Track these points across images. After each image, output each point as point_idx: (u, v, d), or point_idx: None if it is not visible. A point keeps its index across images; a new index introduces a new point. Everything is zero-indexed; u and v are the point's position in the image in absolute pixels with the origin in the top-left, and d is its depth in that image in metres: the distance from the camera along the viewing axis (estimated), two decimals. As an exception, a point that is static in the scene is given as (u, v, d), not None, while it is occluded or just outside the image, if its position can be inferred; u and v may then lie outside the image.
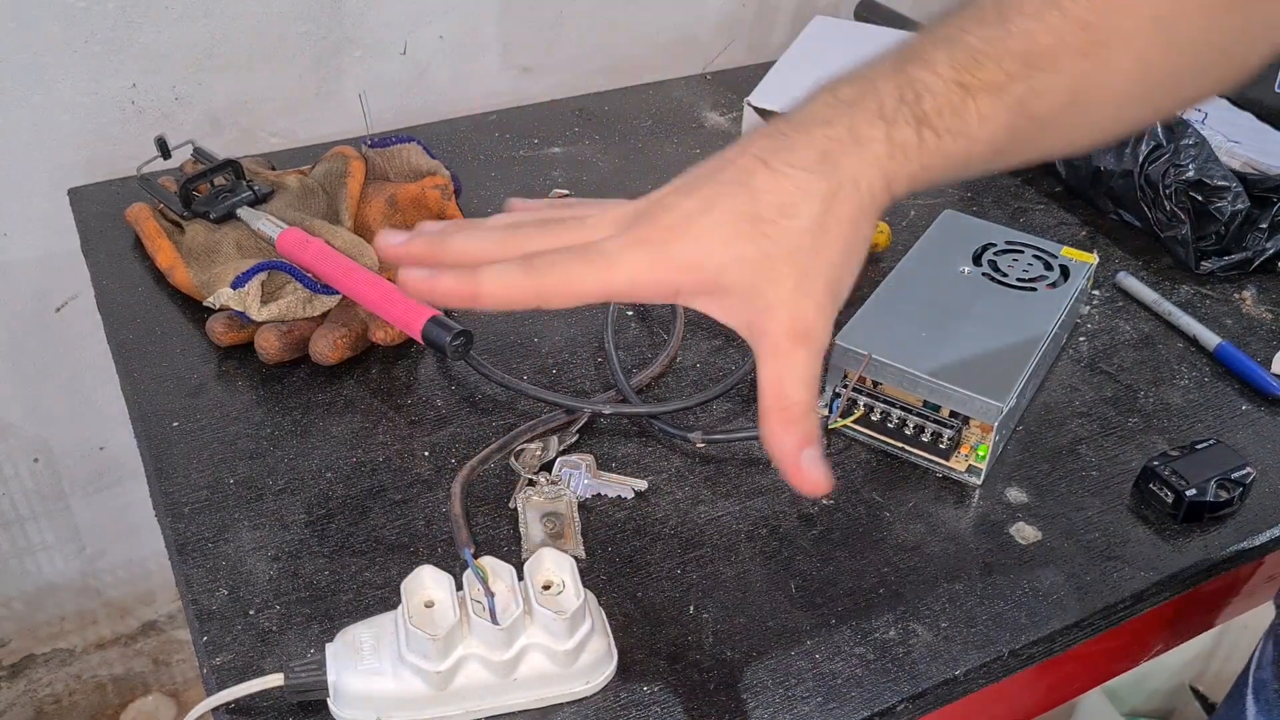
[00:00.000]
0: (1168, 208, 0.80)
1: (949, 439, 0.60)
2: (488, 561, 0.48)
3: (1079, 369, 0.71)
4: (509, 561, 0.48)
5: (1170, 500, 0.59)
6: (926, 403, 0.61)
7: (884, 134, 0.42)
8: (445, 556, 0.55)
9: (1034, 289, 0.68)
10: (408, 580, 0.48)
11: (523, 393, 0.65)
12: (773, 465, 0.43)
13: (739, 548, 0.57)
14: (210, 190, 0.76)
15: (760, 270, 0.42)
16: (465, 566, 0.47)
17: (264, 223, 0.71)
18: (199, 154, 0.81)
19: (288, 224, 0.70)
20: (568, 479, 0.60)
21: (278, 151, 0.89)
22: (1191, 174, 0.78)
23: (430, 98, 1.03)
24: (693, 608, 0.54)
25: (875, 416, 0.62)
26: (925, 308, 0.65)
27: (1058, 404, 0.68)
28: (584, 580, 0.49)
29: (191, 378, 0.66)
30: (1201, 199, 0.78)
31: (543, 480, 0.59)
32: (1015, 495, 0.61)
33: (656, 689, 0.50)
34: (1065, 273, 0.69)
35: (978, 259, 0.70)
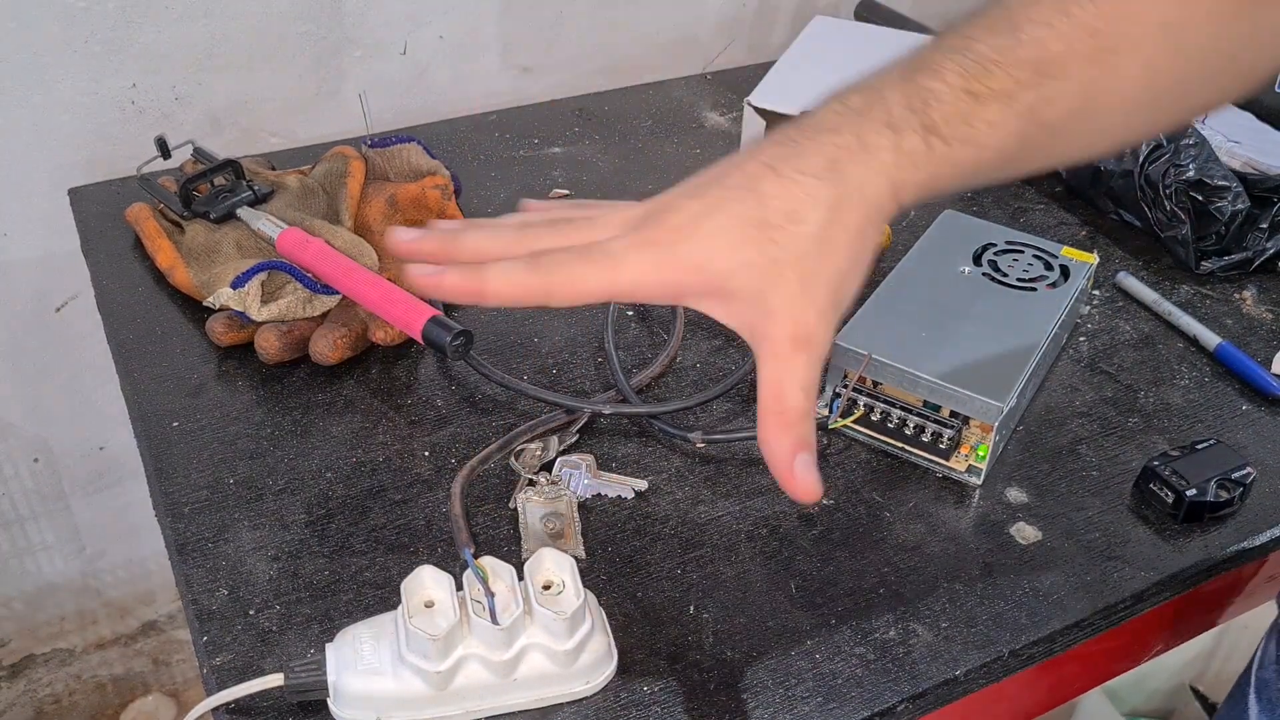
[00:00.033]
0: (1168, 208, 0.80)
1: (949, 439, 0.60)
2: (488, 561, 0.48)
3: (1079, 369, 0.71)
4: (509, 561, 0.48)
5: (1170, 500, 0.59)
6: (926, 403, 0.61)
7: (892, 142, 0.42)
8: (445, 556, 0.55)
9: (1034, 289, 0.68)
10: (408, 580, 0.48)
11: (523, 393, 0.65)
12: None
13: (739, 548, 0.57)
14: (210, 190, 0.76)
15: (765, 275, 0.42)
16: (465, 566, 0.47)
17: (264, 223, 0.71)
18: (199, 154, 0.81)
19: (288, 224, 0.70)
20: (568, 479, 0.60)
21: (278, 151, 0.89)
22: (1192, 174, 0.78)
23: (430, 98, 1.03)
24: (693, 608, 0.54)
25: (875, 416, 0.63)
26: (925, 308, 0.65)
27: (1058, 404, 0.68)
28: (584, 580, 0.49)
29: (191, 378, 0.66)
30: (1202, 199, 0.78)
31: (543, 480, 0.59)
32: (1015, 495, 0.61)
33: (656, 689, 0.50)
34: (1065, 273, 0.69)
35: (978, 259, 0.70)
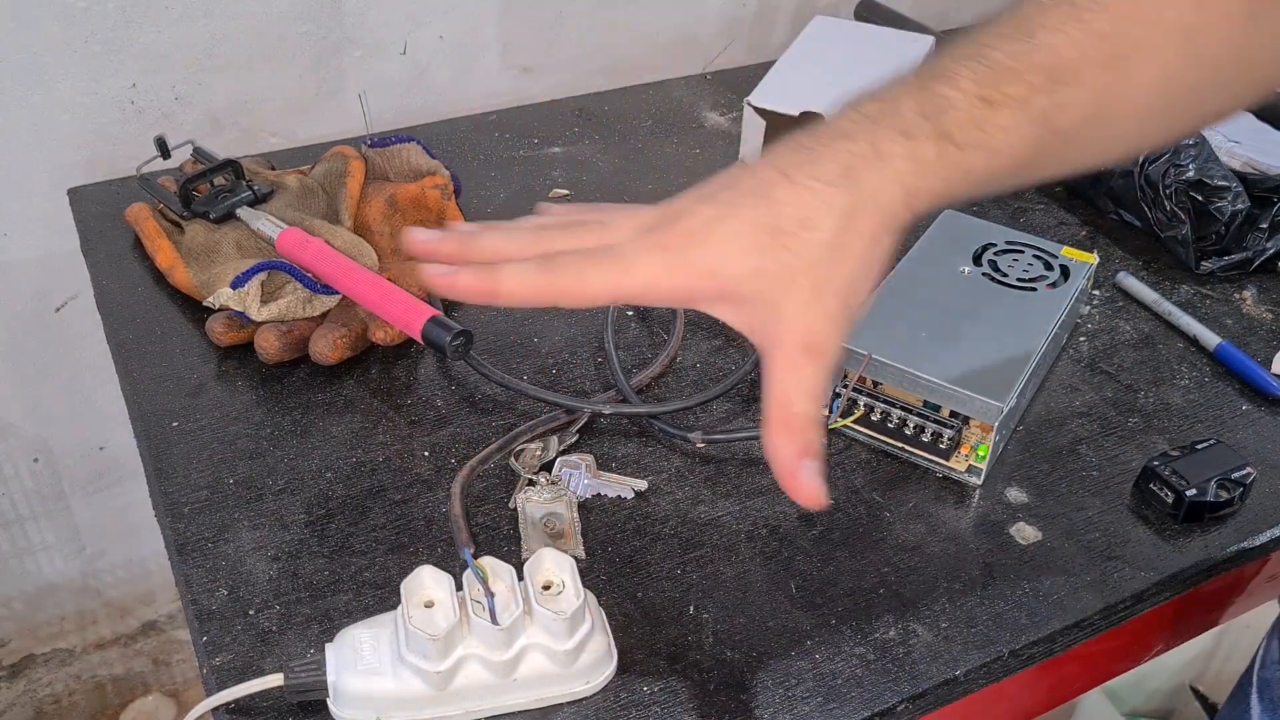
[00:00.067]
0: (1168, 208, 0.80)
1: (949, 439, 0.60)
2: (488, 561, 0.48)
3: (1079, 369, 0.71)
4: (509, 561, 0.48)
5: (1170, 500, 0.59)
6: (926, 403, 0.61)
7: (906, 149, 0.42)
8: (445, 556, 0.55)
9: (1034, 289, 0.68)
10: (408, 580, 0.48)
11: (523, 393, 0.65)
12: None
13: (739, 548, 0.57)
14: (210, 190, 0.76)
15: (778, 281, 0.42)
16: (465, 566, 0.47)
17: (264, 223, 0.71)
18: (199, 154, 0.81)
19: (287, 224, 0.70)
20: (568, 479, 0.60)
21: (278, 151, 0.89)
22: (1191, 174, 0.78)
23: (430, 98, 1.03)
24: (693, 608, 0.53)
25: (875, 416, 0.62)
26: (925, 308, 0.65)
27: (1058, 404, 0.68)
28: (584, 580, 0.49)
29: (191, 378, 0.66)
30: (1202, 199, 0.78)
31: (543, 480, 0.59)
32: (1015, 495, 0.61)
33: (656, 689, 0.50)
34: (1065, 273, 0.69)
35: (978, 259, 0.70)
